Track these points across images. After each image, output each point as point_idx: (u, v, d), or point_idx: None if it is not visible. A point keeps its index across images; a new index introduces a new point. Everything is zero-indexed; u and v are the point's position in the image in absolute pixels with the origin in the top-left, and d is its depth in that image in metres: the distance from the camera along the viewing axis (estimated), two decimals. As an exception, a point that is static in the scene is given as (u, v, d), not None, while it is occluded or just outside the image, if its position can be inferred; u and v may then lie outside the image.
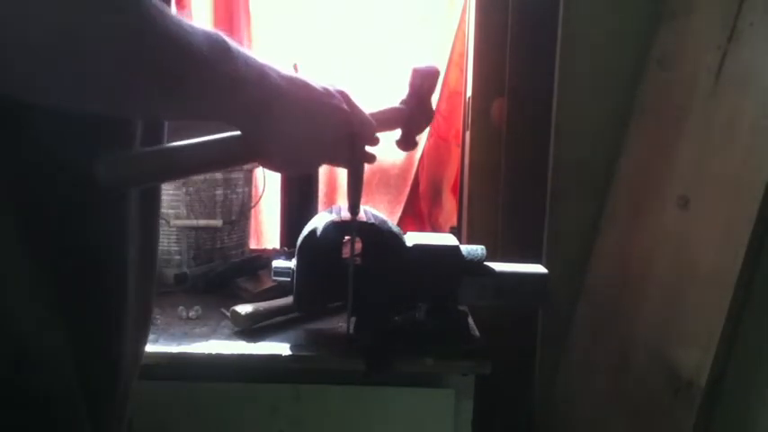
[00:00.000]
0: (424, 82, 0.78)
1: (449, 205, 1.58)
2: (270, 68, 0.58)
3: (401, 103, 0.79)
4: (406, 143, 0.81)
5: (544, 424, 1.34)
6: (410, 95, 0.78)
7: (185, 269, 1.29)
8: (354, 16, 1.52)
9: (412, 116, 0.79)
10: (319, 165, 0.70)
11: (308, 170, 0.68)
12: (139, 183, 0.59)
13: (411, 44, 1.51)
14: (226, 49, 0.53)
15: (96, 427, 0.60)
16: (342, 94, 0.66)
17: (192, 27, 0.51)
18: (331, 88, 0.65)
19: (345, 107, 0.65)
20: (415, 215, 1.61)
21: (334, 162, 0.72)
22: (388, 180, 1.59)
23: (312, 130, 0.62)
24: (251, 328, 1.05)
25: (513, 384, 1.36)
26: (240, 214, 1.38)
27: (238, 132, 0.61)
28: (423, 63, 0.79)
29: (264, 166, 0.65)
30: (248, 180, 1.40)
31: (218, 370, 1.00)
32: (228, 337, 1.03)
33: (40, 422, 0.55)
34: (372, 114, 0.71)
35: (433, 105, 0.80)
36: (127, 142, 0.59)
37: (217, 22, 1.49)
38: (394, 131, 0.82)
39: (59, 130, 0.52)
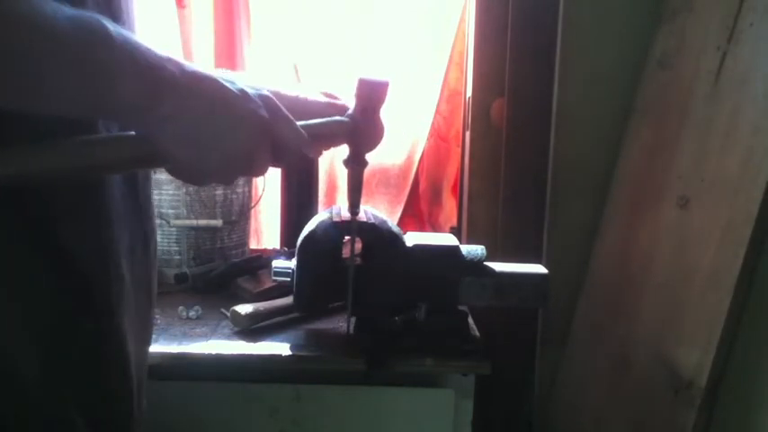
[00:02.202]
0: (372, 94, 0.71)
1: (449, 205, 1.58)
2: (172, 63, 0.52)
3: (346, 116, 0.71)
4: (355, 162, 0.74)
5: (544, 424, 1.34)
6: (356, 108, 0.71)
7: (185, 269, 1.29)
8: (354, 16, 1.52)
9: (358, 131, 0.70)
10: (235, 175, 0.60)
11: (223, 181, 0.60)
12: (10, 182, 0.51)
13: (411, 44, 1.51)
14: (102, 35, 0.48)
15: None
16: (264, 98, 0.58)
17: (62, 11, 0.46)
18: (251, 91, 0.57)
19: (264, 113, 0.57)
20: (415, 215, 1.61)
21: (252, 172, 0.61)
22: (388, 180, 1.59)
23: (218, 135, 0.55)
24: (251, 328, 1.05)
25: (513, 384, 1.36)
26: (240, 214, 1.38)
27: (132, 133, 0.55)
28: (372, 75, 0.72)
29: (172, 174, 0.58)
30: (248, 180, 1.40)
31: (218, 370, 1.00)
32: (228, 337, 1.03)
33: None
34: (307, 126, 0.63)
35: (384, 121, 0.72)
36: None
37: (217, 22, 1.49)
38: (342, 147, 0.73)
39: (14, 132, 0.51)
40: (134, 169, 0.61)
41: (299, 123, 0.61)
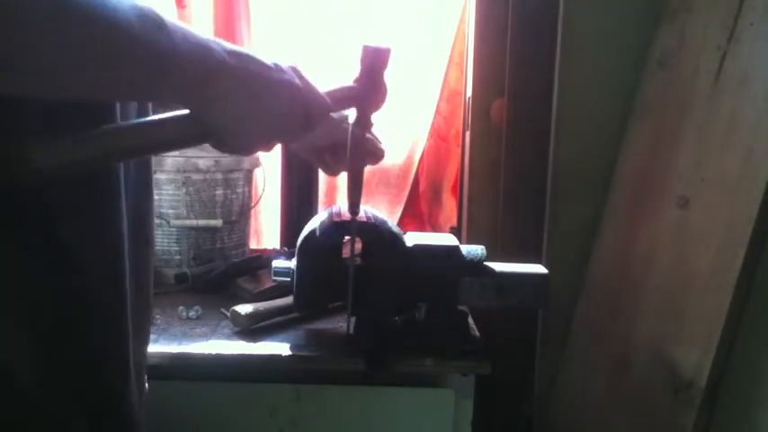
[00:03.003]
0: (375, 60, 0.76)
1: (449, 205, 1.58)
2: (215, 43, 0.55)
3: (354, 81, 0.77)
4: (362, 124, 0.79)
5: (544, 424, 1.34)
6: (361, 74, 0.76)
7: (185, 269, 1.29)
8: (354, 16, 1.52)
9: (364, 95, 0.76)
10: (273, 143, 0.66)
11: (262, 149, 0.66)
12: (78, 167, 0.54)
13: (411, 44, 1.51)
14: (159, 23, 0.50)
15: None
16: (293, 69, 0.63)
17: (120, 1, 0.48)
18: (282, 63, 0.62)
19: (298, 82, 0.63)
20: (415, 215, 1.61)
21: (287, 139, 0.68)
22: (388, 180, 1.59)
23: (262, 106, 0.60)
24: (251, 328, 1.05)
25: (513, 384, 1.36)
26: (240, 214, 1.38)
27: (185, 111, 0.58)
28: (375, 42, 0.77)
29: (215, 147, 0.62)
30: (248, 180, 1.40)
31: (218, 370, 1.00)
32: (228, 338, 1.03)
33: None
34: (326, 92, 0.69)
35: (387, 85, 0.78)
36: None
37: (217, 22, 1.49)
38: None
39: (28, 128, 0.51)
40: (184, 148, 0.64)
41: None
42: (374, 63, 0.76)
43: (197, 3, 1.48)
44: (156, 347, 0.97)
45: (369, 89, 0.76)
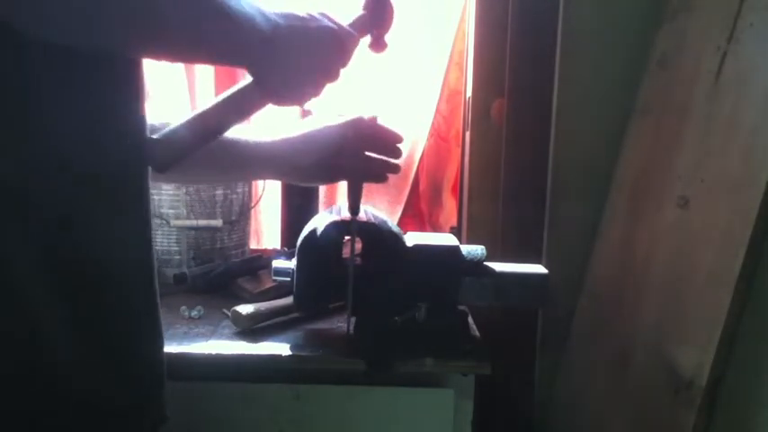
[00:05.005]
0: None
1: (449, 205, 1.58)
2: (263, 8, 0.63)
3: (362, 9, 0.85)
4: (377, 45, 0.87)
5: (544, 424, 1.34)
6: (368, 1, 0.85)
7: (185, 269, 1.29)
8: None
9: (374, 17, 0.85)
10: (324, 85, 0.73)
11: (315, 94, 0.73)
12: (185, 154, 0.64)
13: (411, 44, 1.51)
14: None
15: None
16: (323, 15, 0.71)
17: None
18: (314, 13, 0.70)
19: (331, 24, 0.71)
20: (415, 215, 1.61)
21: (332, 77, 0.75)
22: (388, 180, 1.58)
23: (311, 55, 0.68)
24: (251, 329, 1.05)
25: (513, 384, 1.36)
26: (240, 214, 1.38)
27: (244, 82, 0.67)
28: None
29: (275, 102, 0.70)
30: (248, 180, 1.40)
31: (218, 370, 1.00)
32: (229, 338, 1.03)
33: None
34: (348, 25, 0.78)
35: (393, 4, 0.86)
36: (131, 136, 0.59)
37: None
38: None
39: (60, 128, 0.53)
40: (254, 113, 0.71)
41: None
42: None
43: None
44: (156, 347, 0.97)
45: (377, 10, 0.85)
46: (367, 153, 0.96)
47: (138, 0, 0.50)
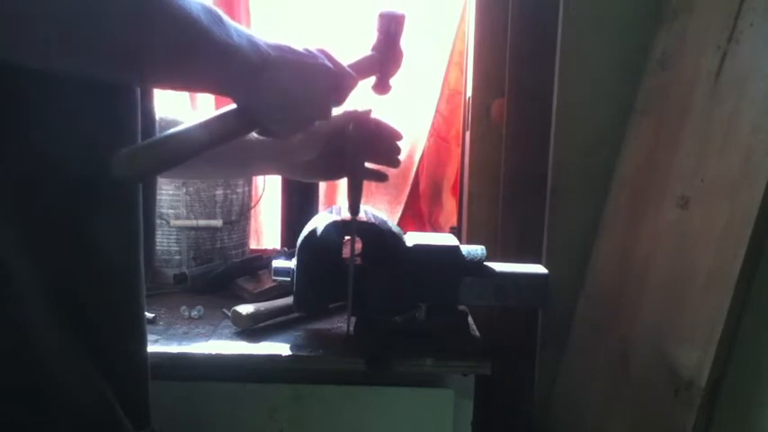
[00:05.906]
0: (391, 25, 0.82)
1: (449, 205, 1.58)
2: (256, 37, 0.60)
3: (372, 50, 0.82)
4: (381, 87, 0.85)
5: (544, 424, 1.34)
6: (379, 41, 0.82)
7: (185, 269, 1.29)
8: (355, 16, 1.52)
9: (384, 60, 0.82)
10: (313, 122, 0.72)
11: (303, 130, 0.71)
12: (154, 172, 0.61)
13: (411, 44, 1.51)
14: (219, 17, 0.55)
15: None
16: (322, 52, 0.69)
17: None
18: (313, 49, 0.68)
19: (328, 63, 0.68)
20: (415, 215, 1.61)
21: (324, 115, 0.73)
22: (388, 180, 1.59)
23: (302, 91, 0.65)
24: (251, 329, 1.05)
25: (513, 384, 1.36)
26: (240, 214, 1.38)
27: (233, 106, 0.64)
28: (387, 8, 0.83)
29: (261, 133, 0.68)
30: (248, 180, 1.40)
31: (218, 370, 1.00)
32: (229, 338, 1.03)
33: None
34: (350, 65, 0.75)
35: (402, 49, 0.84)
36: (128, 141, 0.59)
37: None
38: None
39: (60, 132, 0.53)
40: (238, 138, 0.68)
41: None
42: (390, 28, 0.82)
43: None
44: (157, 348, 0.98)
45: (388, 55, 0.82)
46: (367, 150, 0.95)
47: (111, 31, 0.48)
